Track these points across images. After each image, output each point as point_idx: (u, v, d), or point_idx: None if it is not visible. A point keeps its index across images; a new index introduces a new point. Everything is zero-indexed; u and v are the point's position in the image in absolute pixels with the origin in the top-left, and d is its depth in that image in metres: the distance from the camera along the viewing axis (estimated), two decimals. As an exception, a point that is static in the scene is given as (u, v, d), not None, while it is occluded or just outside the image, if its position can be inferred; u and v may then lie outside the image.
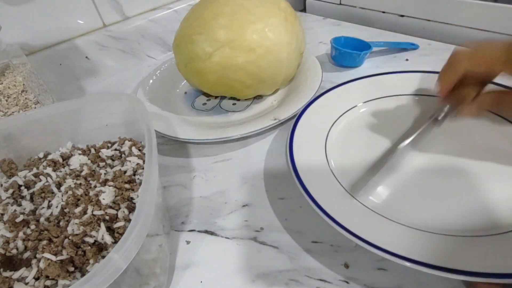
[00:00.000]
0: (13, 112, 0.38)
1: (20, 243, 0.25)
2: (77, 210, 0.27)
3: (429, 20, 0.59)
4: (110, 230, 0.26)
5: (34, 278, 0.23)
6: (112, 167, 0.32)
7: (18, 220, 0.27)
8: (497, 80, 0.32)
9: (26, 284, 0.23)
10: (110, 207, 0.27)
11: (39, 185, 0.30)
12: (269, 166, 0.39)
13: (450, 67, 0.33)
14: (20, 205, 0.29)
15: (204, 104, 0.50)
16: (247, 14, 0.41)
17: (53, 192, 0.29)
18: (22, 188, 0.30)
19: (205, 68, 0.42)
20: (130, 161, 0.32)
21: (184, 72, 0.46)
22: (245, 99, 0.50)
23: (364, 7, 0.67)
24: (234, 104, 0.50)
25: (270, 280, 0.28)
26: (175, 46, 0.45)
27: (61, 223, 0.26)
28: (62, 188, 0.29)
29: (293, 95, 0.47)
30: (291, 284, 0.28)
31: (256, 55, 0.41)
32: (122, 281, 0.23)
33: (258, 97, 0.50)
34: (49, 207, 0.28)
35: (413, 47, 0.56)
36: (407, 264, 0.24)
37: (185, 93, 0.53)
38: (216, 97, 0.51)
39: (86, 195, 0.28)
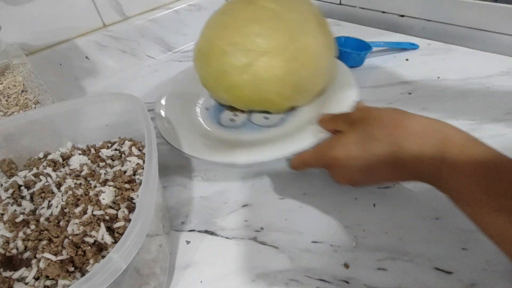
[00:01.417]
0: (13, 112, 0.38)
1: (20, 243, 0.25)
2: (77, 210, 0.27)
3: (429, 20, 0.59)
4: (110, 230, 0.26)
5: (34, 278, 0.23)
6: (112, 167, 0.32)
7: (18, 220, 0.27)
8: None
9: (26, 284, 0.23)
10: (110, 207, 0.27)
11: (39, 185, 0.30)
12: (269, 166, 0.39)
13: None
14: (20, 205, 0.29)
15: (232, 120, 0.44)
16: (282, 20, 0.37)
17: (53, 192, 0.29)
18: (22, 188, 0.30)
19: (240, 81, 0.37)
20: (130, 161, 0.32)
21: (212, 86, 0.41)
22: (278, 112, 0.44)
23: (364, 7, 0.67)
24: (266, 118, 0.44)
25: (270, 280, 0.28)
26: (200, 59, 0.41)
27: (61, 223, 0.26)
28: (62, 188, 0.29)
29: (331, 103, 0.41)
30: (291, 284, 0.28)
31: (297, 64, 0.37)
32: (122, 281, 0.23)
33: (291, 109, 0.44)
34: (49, 207, 0.28)
35: (413, 47, 0.56)
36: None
37: (207, 109, 0.46)
38: (242, 111, 0.45)
39: (86, 195, 0.28)
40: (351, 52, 0.52)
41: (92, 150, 0.34)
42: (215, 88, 0.41)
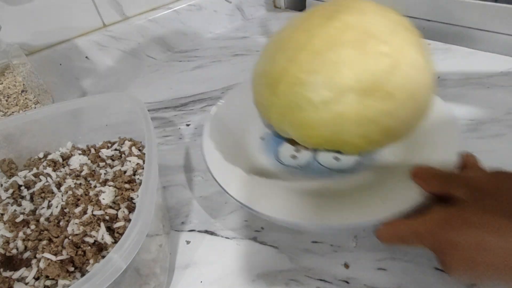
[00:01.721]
0: (13, 112, 0.38)
1: (20, 243, 0.25)
2: (77, 210, 0.27)
3: (429, 20, 0.59)
4: (110, 230, 0.26)
5: (34, 278, 0.23)
6: (112, 167, 0.32)
7: (18, 220, 0.27)
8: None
9: (26, 284, 0.23)
10: (110, 207, 0.27)
11: (39, 185, 0.30)
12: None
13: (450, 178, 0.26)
14: (20, 205, 0.29)
15: (294, 157, 0.36)
16: (378, 44, 0.28)
17: (53, 192, 0.29)
18: (22, 188, 0.30)
19: (316, 120, 0.29)
20: (130, 161, 0.32)
21: (276, 120, 0.33)
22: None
23: (364, 7, 0.67)
24: (336, 159, 0.35)
25: (270, 280, 0.28)
26: (263, 84, 0.33)
27: (61, 223, 0.26)
28: (62, 188, 0.29)
29: (424, 148, 0.32)
30: (291, 284, 0.28)
31: (394, 103, 0.28)
32: (122, 281, 0.23)
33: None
34: (49, 207, 0.28)
35: (413, 47, 0.55)
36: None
37: (262, 139, 0.38)
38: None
39: (86, 195, 0.28)
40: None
41: (92, 150, 0.34)
42: (280, 122, 0.33)
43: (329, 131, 0.30)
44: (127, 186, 0.29)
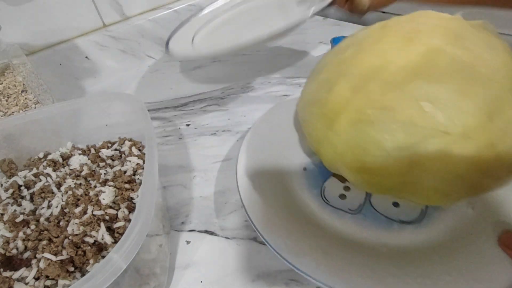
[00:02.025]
0: (13, 112, 0.38)
1: (20, 243, 0.25)
2: (77, 210, 0.27)
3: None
4: (110, 230, 0.26)
5: (34, 278, 0.23)
6: (112, 167, 0.32)
7: (18, 220, 0.27)
8: None
9: (26, 284, 0.23)
10: (110, 207, 0.27)
11: (39, 185, 0.30)
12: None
13: None
14: (20, 205, 0.29)
15: (343, 197, 0.30)
16: (475, 78, 0.22)
17: (53, 192, 0.29)
18: (22, 188, 0.30)
19: (386, 168, 0.24)
20: (130, 161, 0.32)
21: (332, 160, 0.28)
22: None
23: (364, 7, 0.67)
24: (396, 205, 0.29)
25: (270, 280, 0.28)
26: (319, 117, 0.27)
27: (61, 223, 0.26)
28: (62, 188, 0.29)
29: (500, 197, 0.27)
30: (291, 284, 0.28)
31: (491, 154, 0.21)
32: (122, 281, 0.23)
33: None
34: (49, 207, 0.28)
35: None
36: None
37: (304, 169, 0.33)
38: None
39: (86, 195, 0.28)
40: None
41: (92, 150, 0.34)
42: (334, 161, 0.28)
43: (398, 182, 0.24)
44: (127, 186, 0.29)
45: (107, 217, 0.26)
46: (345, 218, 0.28)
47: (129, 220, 0.26)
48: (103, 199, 0.27)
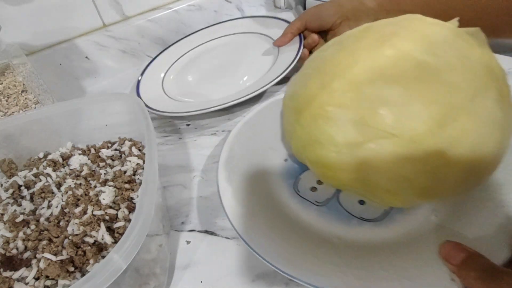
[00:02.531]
0: (13, 112, 0.38)
1: (20, 243, 0.25)
2: (77, 210, 0.27)
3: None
4: (110, 230, 0.26)
5: (34, 278, 0.23)
6: (112, 167, 0.32)
7: (18, 220, 0.27)
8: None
9: (26, 284, 0.23)
10: (110, 207, 0.27)
11: (39, 185, 0.30)
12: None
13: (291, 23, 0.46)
14: (20, 205, 0.29)
15: (313, 189, 0.32)
16: (436, 84, 0.22)
17: (53, 192, 0.29)
18: (22, 188, 0.30)
19: (337, 163, 0.25)
20: (130, 161, 0.32)
21: (297, 151, 0.30)
22: None
23: (364, 7, 0.67)
24: (361, 203, 0.30)
25: (270, 280, 0.28)
26: (292, 110, 0.29)
27: (61, 223, 0.26)
28: (62, 188, 0.29)
29: (469, 218, 0.26)
30: (291, 284, 0.28)
31: (440, 161, 0.22)
32: (122, 281, 0.23)
33: None
34: (49, 207, 0.28)
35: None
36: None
37: (285, 160, 0.35)
38: None
39: (86, 195, 0.28)
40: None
41: (92, 150, 0.34)
42: (299, 152, 0.30)
43: (349, 178, 0.25)
44: (127, 186, 0.29)
45: (107, 217, 0.26)
46: (310, 209, 0.30)
47: (129, 220, 0.26)
48: (103, 199, 0.27)
